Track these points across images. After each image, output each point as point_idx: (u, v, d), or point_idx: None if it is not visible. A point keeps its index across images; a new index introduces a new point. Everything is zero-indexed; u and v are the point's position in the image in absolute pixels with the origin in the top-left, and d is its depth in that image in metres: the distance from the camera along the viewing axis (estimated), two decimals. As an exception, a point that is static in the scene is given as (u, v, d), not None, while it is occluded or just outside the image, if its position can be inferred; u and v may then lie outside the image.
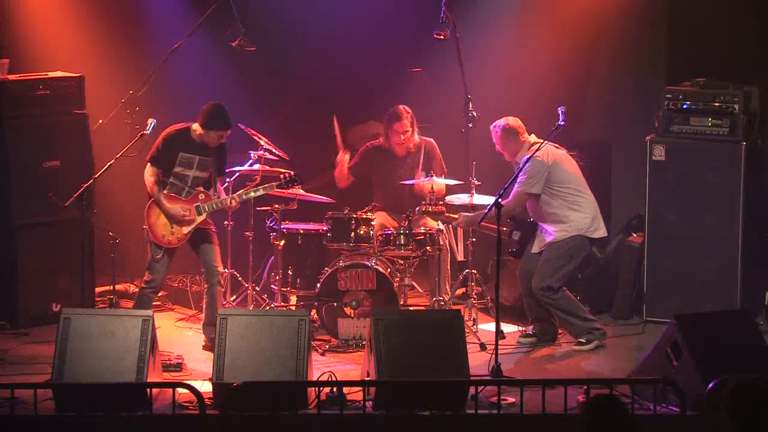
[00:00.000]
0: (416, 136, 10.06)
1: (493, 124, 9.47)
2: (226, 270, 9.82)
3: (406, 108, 10.00)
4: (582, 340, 9.31)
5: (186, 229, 9.17)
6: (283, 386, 7.93)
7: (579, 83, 10.98)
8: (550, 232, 9.34)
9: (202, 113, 9.16)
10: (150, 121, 9.11)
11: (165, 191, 9.17)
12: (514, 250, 9.58)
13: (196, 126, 9.18)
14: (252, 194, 9.31)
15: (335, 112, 10.51)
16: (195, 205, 9.17)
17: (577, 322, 9.32)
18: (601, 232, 9.44)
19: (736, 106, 9.75)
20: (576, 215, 9.32)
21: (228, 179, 9.74)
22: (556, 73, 10.75)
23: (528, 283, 9.41)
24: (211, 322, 9.10)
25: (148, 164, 9.23)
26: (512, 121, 9.43)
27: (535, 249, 9.41)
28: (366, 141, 10.57)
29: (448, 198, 9.85)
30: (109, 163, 9.04)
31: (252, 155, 9.73)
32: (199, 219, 9.18)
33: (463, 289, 10.05)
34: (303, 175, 10.16)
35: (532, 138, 9.39)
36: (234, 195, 9.24)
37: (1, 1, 10.59)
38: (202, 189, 9.21)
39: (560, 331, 9.58)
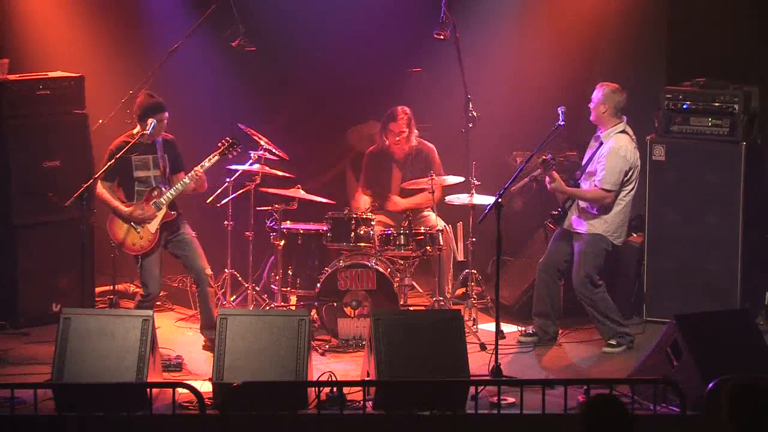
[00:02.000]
0: (414, 139, 10.06)
1: (600, 84, 9.32)
2: (226, 270, 9.83)
3: (405, 109, 10.00)
4: (612, 342, 9.30)
5: (152, 228, 9.15)
6: (283, 386, 7.94)
7: (579, 83, 10.97)
8: (581, 222, 9.30)
9: (135, 109, 9.18)
10: (150, 121, 9.11)
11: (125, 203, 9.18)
12: (556, 213, 9.42)
13: (136, 129, 9.17)
14: (199, 170, 9.17)
15: (336, 114, 10.53)
16: (152, 202, 9.15)
17: (610, 325, 9.30)
18: (621, 240, 9.42)
19: (736, 106, 9.75)
20: (612, 217, 9.28)
21: (228, 179, 9.74)
22: (556, 73, 10.76)
23: (545, 272, 9.39)
24: (209, 324, 9.10)
25: (98, 182, 9.12)
26: (623, 94, 9.32)
27: (565, 224, 9.38)
28: (366, 141, 10.58)
29: (448, 198, 9.86)
30: (109, 164, 9.04)
31: (252, 155, 9.73)
32: (161, 214, 9.15)
33: (463, 289, 10.05)
34: (303, 175, 10.19)
35: (623, 124, 9.31)
36: (183, 178, 9.17)
37: (1, 1, 10.59)
38: (155, 186, 9.18)
39: (560, 330, 9.58)
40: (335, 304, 9.46)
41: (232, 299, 9.98)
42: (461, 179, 9.83)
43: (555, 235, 9.50)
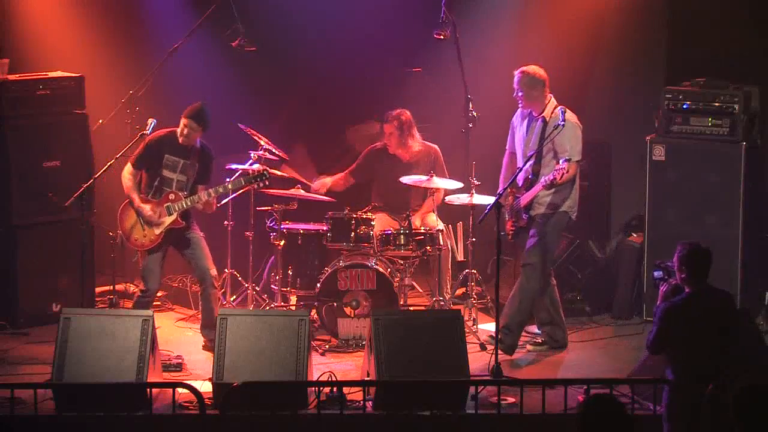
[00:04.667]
0: (417, 143, 10.05)
1: (523, 68, 9.20)
2: (226, 270, 9.83)
3: (401, 112, 9.97)
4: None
5: (157, 230, 9.17)
6: (283, 386, 7.94)
7: (579, 83, 10.98)
8: (540, 205, 9.11)
9: (189, 106, 9.19)
10: (150, 121, 9.12)
11: (141, 195, 9.19)
12: (525, 220, 9.19)
13: (179, 127, 9.18)
14: (220, 190, 9.25)
15: (336, 114, 10.51)
16: (165, 205, 9.18)
17: (524, 318, 9.22)
18: (576, 215, 9.28)
19: (736, 106, 9.75)
20: (571, 191, 9.16)
21: (228, 179, 9.73)
22: (557, 73, 10.73)
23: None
24: (209, 324, 9.09)
25: (129, 164, 9.22)
26: (542, 72, 9.22)
27: (523, 222, 9.20)
28: (365, 141, 10.58)
29: (448, 198, 9.86)
30: (109, 163, 9.05)
31: (252, 155, 9.73)
32: (170, 219, 9.17)
33: (463, 289, 10.04)
34: (303, 175, 10.19)
35: (553, 99, 9.25)
36: (201, 193, 9.22)
37: (1, 1, 10.59)
38: (172, 190, 9.20)
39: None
40: (335, 304, 9.46)
41: (232, 299, 9.98)
42: (460, 186, 9.78)
43: (523, 237, 9.24)
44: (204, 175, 9.30)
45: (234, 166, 9.72)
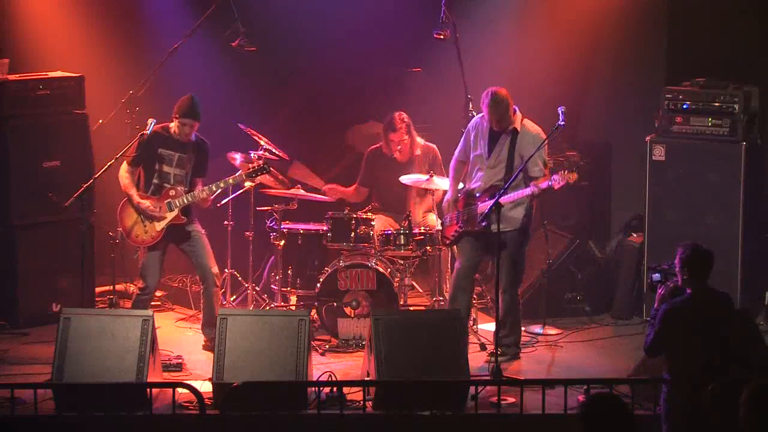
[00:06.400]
0: (420, 141, 10.03)
1: (498, 93, 9.00)
2: (226, 270, 9.83)
3: (402, 116, 9.94)
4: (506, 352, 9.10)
5: (159, 226, 9.18)
6: (283, 386, 7.94)
7: (579, 83, 10.99)
8: (507, 220, 8.89)
9: (176, 104, 9.21)
10: (150, 121, 9.13)
11: (140, 191, 9.20)
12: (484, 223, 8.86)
13: (173, 124, 9.21)
14: (221, 185, 9.26)
15: (336, 114, 10.49)
16: (166, 201, 9.19)
17: (519, 331, 9.16)
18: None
19: (736, 106, 9.75)
20: (530, 207, 9.05)
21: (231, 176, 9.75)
22: (556, 73, 10.75)
23: (467, 280, 9.12)
24: (210, 323, 9.10)
25: (125, 162, 9.23)
26: (505, 90, 9.04)
27: (485, 227, 8.86)
28: (366, 141, 10.57)
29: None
30: (109, 163, 9.05)
31: (252, 155, 9.73)
32: (171, 215, 9.18)
33: (464, 289, 10.03)
34: (306, 177, 10.19)
35: (518, 112, 9.11)
36: (203, 188, 9.23)
37: (1, 1, 10.59)
38: (172, 186, 9.21)
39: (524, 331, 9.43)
40: (335, 304, 9.46)
41: (232, 299, 9.98)
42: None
43: (467, 240, 9.08)
44: (201, 168, 9.32)
45: (235, 156, 9.69)
